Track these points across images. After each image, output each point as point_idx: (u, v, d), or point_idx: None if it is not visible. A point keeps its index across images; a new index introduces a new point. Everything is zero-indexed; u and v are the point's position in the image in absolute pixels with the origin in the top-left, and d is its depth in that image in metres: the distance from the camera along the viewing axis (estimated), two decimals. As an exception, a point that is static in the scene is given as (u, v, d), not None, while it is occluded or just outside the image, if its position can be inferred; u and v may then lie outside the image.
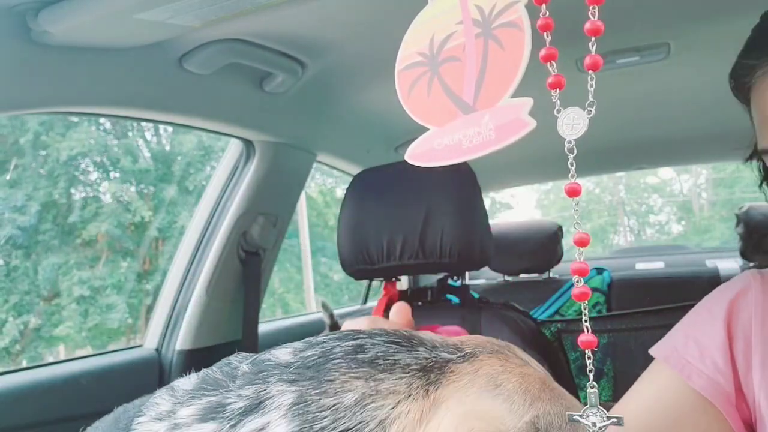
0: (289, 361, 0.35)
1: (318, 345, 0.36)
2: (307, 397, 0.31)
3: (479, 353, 0.35)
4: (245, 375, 0.34)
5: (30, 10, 0.79)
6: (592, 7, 0.30)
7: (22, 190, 4.88)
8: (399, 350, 0.34)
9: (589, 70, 0.30)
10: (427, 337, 0.37)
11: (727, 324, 0.60)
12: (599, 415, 0.31)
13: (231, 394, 0.33)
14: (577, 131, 0.30)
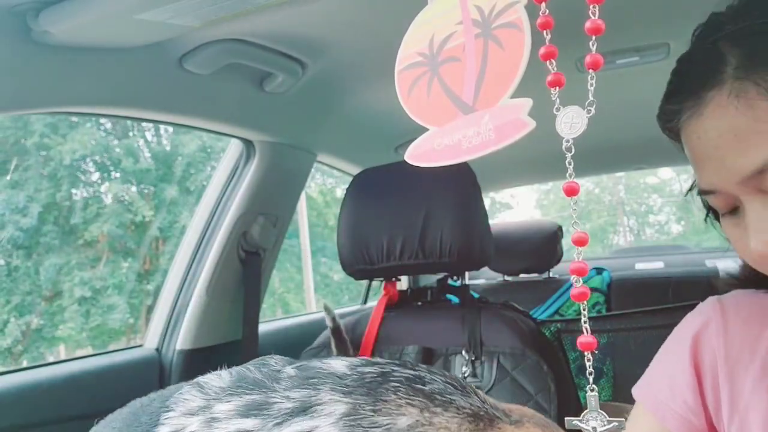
0: (345, 373, 0.35)
1: (377, 364, 0.36)
2: (361, 411, 0.31)
3: (526, 422, 0.36)
4: (293, 378, 0.34)
5: (30, 11, 0.80)
6: (592, 6, 0.31)
7: (23, 191, 4.88)
8: (455, 392, 0.35)
9: (590, 69, 0.30)
10: (480, 393, 0.38)
11: (694, 360, 0.60)
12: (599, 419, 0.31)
13: (276, 395, 0.33)
14: (576, 130, 0.31)
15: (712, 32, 0.49)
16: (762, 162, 0.46)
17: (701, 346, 0.60)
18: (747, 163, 0.47)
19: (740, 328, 0.59)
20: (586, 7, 0.32)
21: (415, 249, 1.11)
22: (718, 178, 0.50)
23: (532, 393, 0.98)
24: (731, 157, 0.48)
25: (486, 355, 1.04)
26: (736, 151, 0.47)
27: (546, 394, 0.97)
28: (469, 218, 1.10)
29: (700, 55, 0.50)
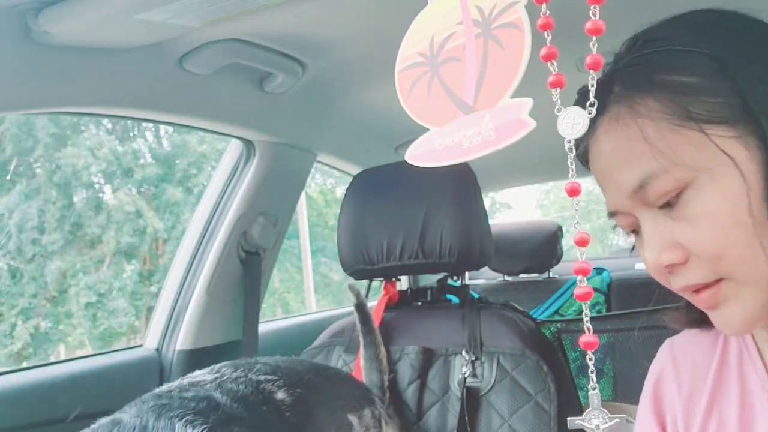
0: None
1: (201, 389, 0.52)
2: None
3: None
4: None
5: (30, 11, 0.80)
6: (593, 7, 0.31)
7: (36, 197, 4.89)
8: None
9: (590, 69, 0.30)
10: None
11: (656, 411, 0.62)
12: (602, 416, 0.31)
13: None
14: (578, 131, 0.30)
15: (611, 66, 0.54)
16: (640, 176, 0.50)
17: (661, 395, 0.63)
18: (629, 179, 0.52)
19: (690, 370, 0.61)
20: (586, 7, 0.32)
21: (415, 249, 1.11)
22: (613, 198, 0.55)
23: (532, 393, 0.98)
24: (617, 175, 0.53)
25: (486, 356, 1.04)
26: (621, 169, 0.52)
27: (546, 394, 0.97)
28: (469, 218, 1.10)
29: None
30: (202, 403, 0.57)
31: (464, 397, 1.00)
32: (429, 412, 1.06)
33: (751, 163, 0.48)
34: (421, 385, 1.07)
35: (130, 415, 0.54)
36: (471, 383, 1.02)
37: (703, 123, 0.49)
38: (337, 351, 1.19)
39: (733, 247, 0.49)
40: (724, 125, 0.48)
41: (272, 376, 0.69)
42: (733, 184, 0.48)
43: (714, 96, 0.49)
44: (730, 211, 0.49)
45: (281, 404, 0.65)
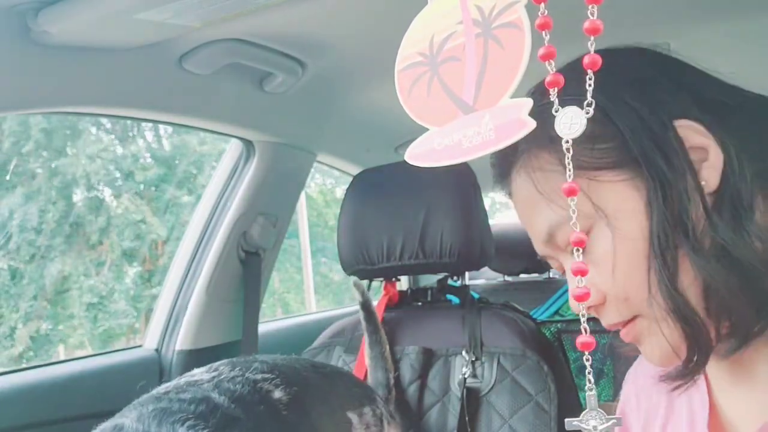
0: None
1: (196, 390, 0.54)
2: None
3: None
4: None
5: (30, 10, 0.79)
6: (591, 7, 0.30)
7: (37, 198, 4.88)
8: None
9: (588, 69, 0.30)
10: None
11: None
12: (599, 417, 0.31)
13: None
14: (575, 131, 0.30)
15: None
16: (546, 226, 0.52)
17: (628, 420, 0.64)
18: (538, 229, 0.54)
19: (646, 393, 0.63)
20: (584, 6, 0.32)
21: (415, 249, 1.11)
22: (535, 244, 0.56)
23: (532, 393, 0.98)
24: (529, 225, 0.55)
25: (486, 356, 1.04)
26: (530, 220, 0.55)
27: (546, 395, 0.97)
28: (469, 218, 1.10)
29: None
30: (201, 405, 0.57)
31: (464, 397, 1.00)
32: (429, 413, 1.06)
33: (643, 204, 0.48)
34: (422, 385, 1.07)
35: (131, 419, 0.55)
36: (471, 383, 1.02)
37: (593, 170, 0.49)
38: (337, 351, 1.19)
39: (636, 288, 0.50)
40: (614, 170, 0.49)
41: (269, 374, 0.69)
42: (629, 227, 0.49)
43: (602, 142, 0.49)
44: (628, 253, 0.49)
45: (278, 403, 0.65)
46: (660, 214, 0.47)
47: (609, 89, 0.49)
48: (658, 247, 0.47)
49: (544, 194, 0.52)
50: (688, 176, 0.47)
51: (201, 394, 0.60)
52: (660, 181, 0.47)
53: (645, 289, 0.49)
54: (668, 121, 0.48)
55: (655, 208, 0.47)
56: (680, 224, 0.46)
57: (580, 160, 0.49)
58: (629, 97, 0.49)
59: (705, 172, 0.48)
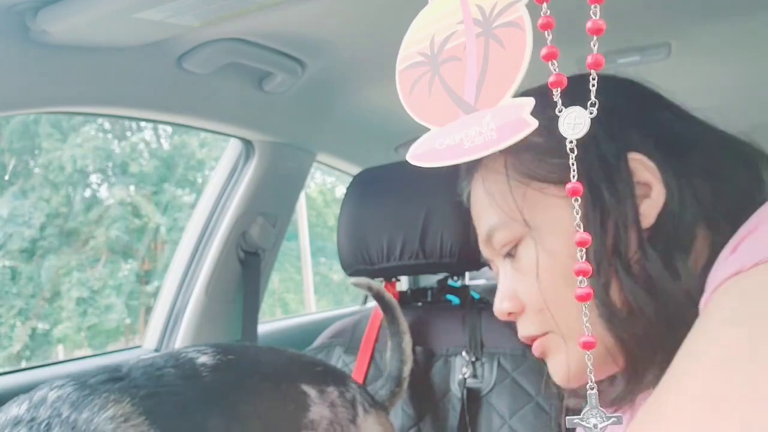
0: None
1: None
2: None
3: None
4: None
5: (29, 10, 0.79)
6: (593, 7, 0.30)
7: (32, 195, 4.87)
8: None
9: (591, 69, 0.30)
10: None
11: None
12: (599, 416, 0.31)
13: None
14: (579, 131, 0.30)
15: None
16: (486, 228, 0.57)
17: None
18: (481, 229, 0.58)
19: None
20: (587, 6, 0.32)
21: (416, 249, 1.10)
22: (480, 244, 0.60)
23: (532, 394, 0.98)
24: (476, 225, 0.59)
25: (486, 356, 1.03)
26: (477, 220, 0.59)
27: (546, 395, 0.97)
28: (469, 218, 1.09)
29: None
30: (98, 371, 0.60)
31: (465, 397, 1.00)
32: (429, 413, 1.05)
33: (571, 225, 0.47)
34: (422, 385, 1.07)
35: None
36: (471, 384, 1.02)
37: (540, 182, 0.52)
38: (337, 351, 1.19)
39: (553, 303, 0.52)
40: (559, 185, 0.50)
41: (204, 347, 0.68)
42: (555, 243, 0.51)
43: (555, 157, 0.50)
44: (551, 268, 0.51)
45: (200, 366, 0.64)
46: (596, 236, 0.47)
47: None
48: (596, 264, 0.48)
49: (492, 196, 0.55)
50: (628, 208, 0.48)
51: (113, 366, 0.62)
52: (600, 207, 0.48)
53: (563, 305, 0.51)
54: (622, 152, 0.49)
55: (595, 230, 0.48)
56: (614, 250, 0.48)
57: (530, 169, 0.52)
58: (598, 119, 0.51)
59: (644, 207, 0.49)
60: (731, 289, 0.36)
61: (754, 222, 0.39)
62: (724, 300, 0.37)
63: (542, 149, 0.51)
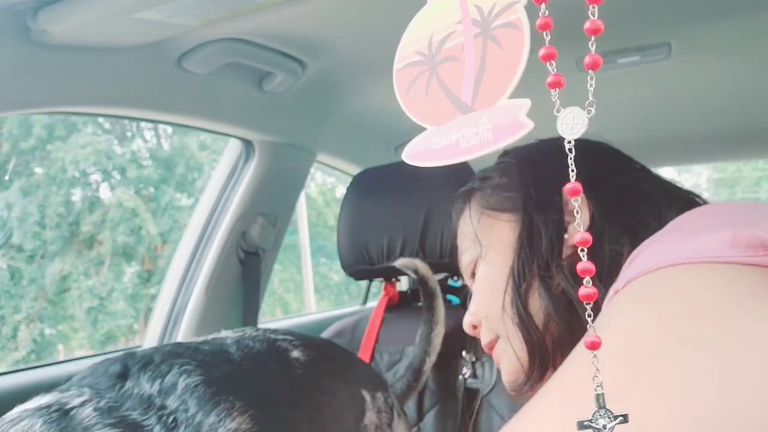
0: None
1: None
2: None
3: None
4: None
5: (29, 10, 0.79)
6: (591, 7, 0.30)
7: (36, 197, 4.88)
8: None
9: (589, 69, 0.30)
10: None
11: None
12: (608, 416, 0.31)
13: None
14: (577, 131, 0.30)
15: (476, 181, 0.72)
16: (460, 252, 0.71)
17: None
18: (459, 251, 0.70)
19: None
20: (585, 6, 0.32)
21: (416, 249, 1.10)
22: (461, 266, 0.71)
23: (532, 394, 0.98)
24: (462, 253, 0.70)
25: (486, 357, 1.03)
26: (462, 250, 0.70)
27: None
28: (469, 218, 1.09)
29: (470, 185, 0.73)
30: (211, 356, 0.58)
31: (464, 398, 1.00)
32: (429, 413, 1.05)
33: (512, 245, 0.61)
34: (422, 386, 1.07)
35: (148, 352, 0.57)
36: (471, 384, 1.02)
37: (493, 210, 0.65)
38: (337, 351, 1.19)
39: (494, 307, 0.62)
40: (508, 213, 0.63)
41: (290, 336, 0.69)
42: (497, 257, 0.63)
43: (508, 191, 0.64)
44: (493, 282, 0.63)
45: (294, 362, 0.65)
46: (525, 252, 0.60)
47: (526, 157, 0.66)
48: (518, 276, 0.59)
49: (461, 226, 0.69)
50: (554, 231, 0.59)
51: (219, 348, 0.60)
52: (531, 230, 0.60)
53: (499, 310, 0.61)
54: (559, 185, 0.56)
55: (524, 248, 0.60)
56: (540, 264, 0.58)
57: (489, 201, 0.66)
58: (540, 163, 0.64)
59: (572, 228, 0.59)
60: (617, 299, 0.42)
61: (647, 242, 0.45)
62: (608, 309, 0.43)
63: (500, 186, 0.66)
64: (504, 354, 0.63)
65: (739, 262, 0.36)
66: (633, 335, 0.37)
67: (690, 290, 0.37)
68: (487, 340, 0.66)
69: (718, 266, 0.37)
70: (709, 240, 0.38)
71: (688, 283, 0.37)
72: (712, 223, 0.42)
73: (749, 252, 0.36)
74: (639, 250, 0.44)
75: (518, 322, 0.59)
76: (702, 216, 0.46)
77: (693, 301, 0.36)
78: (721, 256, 0.37)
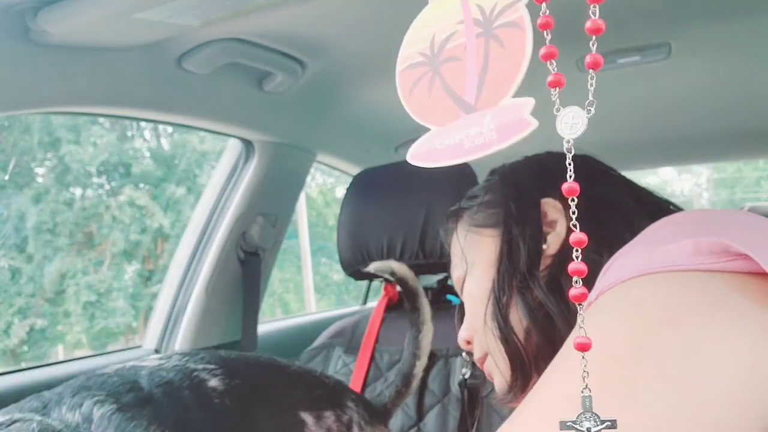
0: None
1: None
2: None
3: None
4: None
5: (29, 10, 0.79)
6: (592, 6, 0.30)
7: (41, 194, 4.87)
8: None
9: (590, 69, 0.30)
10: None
11: None
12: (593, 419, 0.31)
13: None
14: (576, 131, 0.30)
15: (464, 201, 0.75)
16: (451, 269, 0.72)
17: None
18: (455, 274, 0.71)
19: None
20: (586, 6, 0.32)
21: (416, 249, 1.10)
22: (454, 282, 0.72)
23: (532, 394, 0.98)
24: (452, 270, 0.72)
25: (486, 356, 1.03)
26: (452, 267, 0.72)
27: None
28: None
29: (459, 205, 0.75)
30: (123, 386, 0.58)
31: (465, 398, 1.00)
32: (429, 414, 1.05)
33: (494, 259, 0.63)
34: (422, 386, 1.07)
35: (54, 392, 0.58)
36: (472, 384, 1.02)
37: (477, 227, 0.67)
38: (337, 351, 1.19)
39: (478, 323, 0.64)
40: (491, 228, 0.65)
41: (212, 365, 0.68)
42: (479, 270, 0.65)
43: (492, 207, 0.67)
44: (478, 296, 0.64)
45: (211, 391, 0.64)
46: (504, 265, 0.61)
47: (509, 174, 0.69)
48: (498, 289, 0.61)
49: (452, 245, 0.70)
50: (531, 242, 0.60)
51: (130, 378, 0.61)
52: (511, 243, 0.61)
53: (481, 323, 0.62)
54: (537, 199, 0.62)
55: (504, 261, 0.61)
56: (518, 277, 0.60)
57: (474, 218, 0.68)
58: (521, 179, 0.67)
59: (551, 239, 0.60)
60: (590, 311, 0.43)
61: (617, 254, 0.46)
62: (586, 318, 0.42)
63: (485, 203, 0.68)
64: (493, 368, 0.65)
65: (702, 269, 0.38)
66: (601, 346, 0.38)
67: (654, 299, 0.38)
68: (479, 355, 0.67)
69: (682, 274, 0.38)
70: (672, 249, 0.40)
71: (653, 293, 0.38)
72: (676, 232, 0.43)
73: (712, 259, 0.38)
74: (610, 262, 0.46)
75: (499, 336, 0.60)
76: (667, 225, 0.47)
77: (656, 310, 0.37)
78: (684, 265, 0.38)
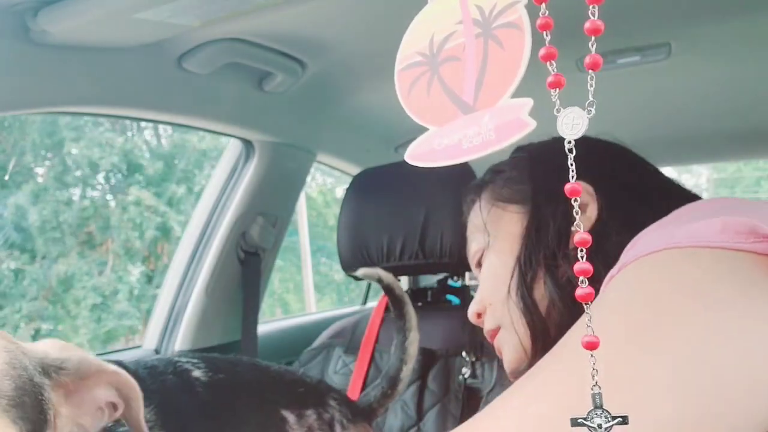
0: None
1: None
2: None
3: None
4: None
5: (29, 10, 0.79)
6: (592, 7, 0.30)
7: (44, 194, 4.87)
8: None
9: (590, 69, 0.30)
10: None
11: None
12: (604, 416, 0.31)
13: None
14: (577, 131, 0.30)
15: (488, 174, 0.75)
16: (468, 240, 0.72)
17: None
18: (468, 244, 0.72)
19: None
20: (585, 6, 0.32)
21: (416, 249, 1.11)
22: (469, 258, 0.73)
23: (532, 394, 0.98)
24: (470, 243, 0.72)
25: (486, 357, 1.03)
26: (470, 239, 0.72)
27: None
28: (469, 218, 1.09)
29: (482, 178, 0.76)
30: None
31: (464, 398, 1.00)
32: (429, 413, 1.05)
33: (519, 235, 0.63)
34: (422, 386, 1.07)
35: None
36: (471, 384, 1.02)
37: (502, 201, 0.67)
38: (337, 351, 1.19)
39: (497, 298, 0.64)
40: (517, 204, 0.66)
41: (195, 360, 0.69)
42: (503, 246, 0.65)
43: (518, 184, 0.67)
44: (498, 271, 0.65)
45: (194, 380, 0.65)
46: (531, 241, 0.62)
47: (537, 153, 0.68)
48: (524, 265, 0.61)
49: (471, 216, 0.71)
50: (562, 221, 0.60)
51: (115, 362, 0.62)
52: (539, 220, 0.62)
53: (504, 299, 0.63)
54: (569, 179, 0.60)
55: (531, 237, 0.62)
56: (546, 253, 0.60)
57: (500, 193, 0.68)
58: (552, 158, 0.64)
59: (580, 220, 0.56)
60: (612, 282, 0.44)
61: (643, 232, 0.47)
62: (603, 290, 0.45)
63: (511, 178, 0.68)
64: (506, 342, 0.65)
65: (727, 247, 0.38)
66: (621, 311, 0.39)
67: (677, 270, 0.38)
68: (490, 328, 0.67)
69: (707, 250, 0.38)
70: (699, 227, 0.40)
71: (677, 264, 0.39)
72: (704, 213, 0.43)
73: (738, 238, 0.38)
74: (636, 239, 0.46)
75: (523, 309, 0.61)
76: (696, 208, 0.48)
77: (679, 280, 0.38)
78: (710, 242, 0.38)
